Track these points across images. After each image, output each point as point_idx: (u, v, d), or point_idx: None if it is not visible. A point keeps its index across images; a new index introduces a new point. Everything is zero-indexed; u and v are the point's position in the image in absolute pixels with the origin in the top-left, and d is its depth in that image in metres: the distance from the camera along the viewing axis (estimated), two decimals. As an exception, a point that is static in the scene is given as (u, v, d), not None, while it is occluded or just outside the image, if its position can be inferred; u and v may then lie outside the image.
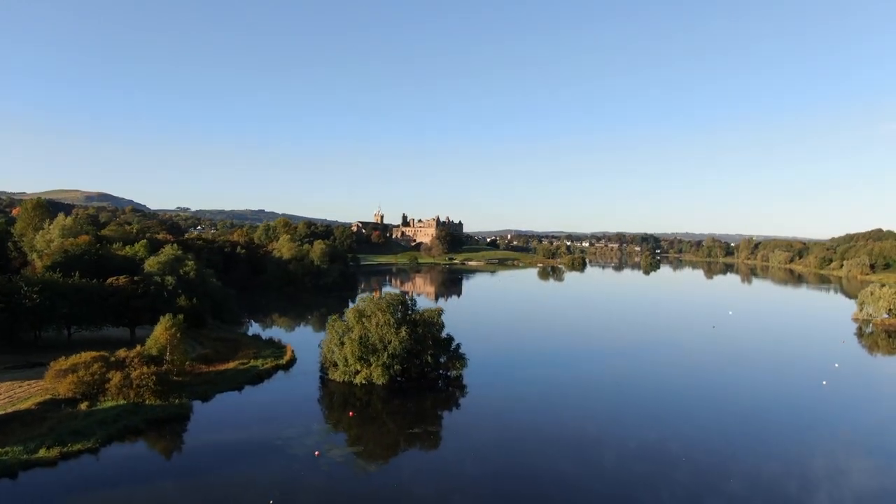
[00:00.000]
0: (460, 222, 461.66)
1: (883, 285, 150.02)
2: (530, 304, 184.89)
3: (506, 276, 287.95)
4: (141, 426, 56.28)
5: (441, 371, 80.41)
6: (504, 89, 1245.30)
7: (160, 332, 70.47)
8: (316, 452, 51.37)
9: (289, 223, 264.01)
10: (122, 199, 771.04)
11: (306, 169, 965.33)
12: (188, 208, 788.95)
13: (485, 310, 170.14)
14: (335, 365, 76.44)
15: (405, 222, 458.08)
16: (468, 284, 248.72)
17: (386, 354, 73.43)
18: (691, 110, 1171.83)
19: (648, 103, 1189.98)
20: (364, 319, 76.32)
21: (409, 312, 78.81)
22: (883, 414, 71.01)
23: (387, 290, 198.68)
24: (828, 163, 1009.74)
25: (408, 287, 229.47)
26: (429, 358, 77.29)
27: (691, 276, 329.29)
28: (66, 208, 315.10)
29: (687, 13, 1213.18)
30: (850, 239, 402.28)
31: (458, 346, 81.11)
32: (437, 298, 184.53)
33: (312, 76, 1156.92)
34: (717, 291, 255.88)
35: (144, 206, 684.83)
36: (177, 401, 62.45)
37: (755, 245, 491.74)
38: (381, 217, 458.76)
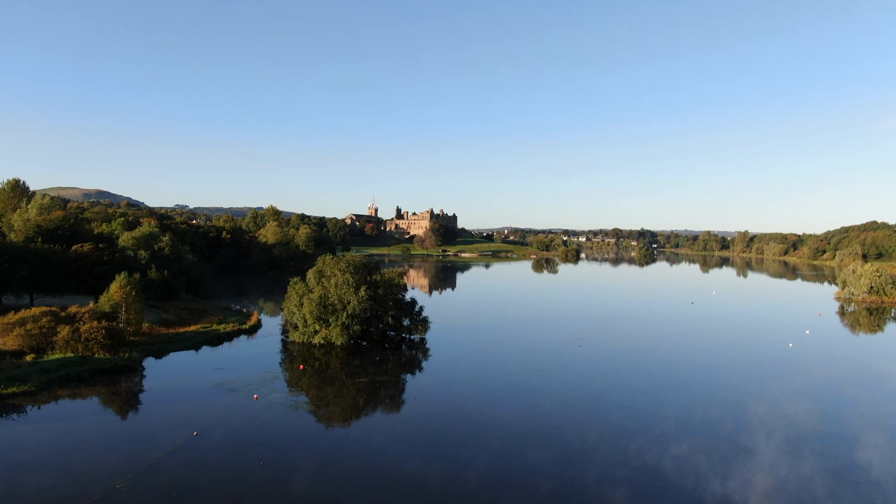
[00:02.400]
0: (454, 215, 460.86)
1: (864, 264, 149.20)
2: (519, 290, 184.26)
3: (499, 268, 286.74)
4: (84, 375, 55.81)
5: (404, 335, 79.93)
6: (503, 88, 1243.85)
7: (115, 290, 69.84)
8: (255, 396, 50.93)
9: (278, 211, 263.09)
10: (121, 196, 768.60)
11: (305, 166, 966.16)
12: (186, 206, 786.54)
13: (474, 296, 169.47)
14: (295, 326, 75.96)
15: (399, 215, 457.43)
16: (457, 274, 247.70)
17: (345, 314, 72.91)
18: (691, 108, 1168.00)
19: (649, 101, 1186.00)
20: (324, 280, 75.85)
21: (371, 274, 78.25)
22: (837, 369, 70.61)
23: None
24: (827, 158, 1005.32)
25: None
26: (389, 319, 76.79)
27: (683, 267, 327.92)
28: (63, 203, 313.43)
29: (682, 9, 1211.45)
30: (845, 231, 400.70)
31: (421, 309, 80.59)
32: (430, 291, 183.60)
33: (310, 74, 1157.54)
34: (705, 277, 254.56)
35: (143, 202, 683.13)
36: (126, 355, 62.01)
37: (750, 238, 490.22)
38: (376, 210, 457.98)
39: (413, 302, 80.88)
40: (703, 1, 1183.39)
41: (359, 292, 73.05)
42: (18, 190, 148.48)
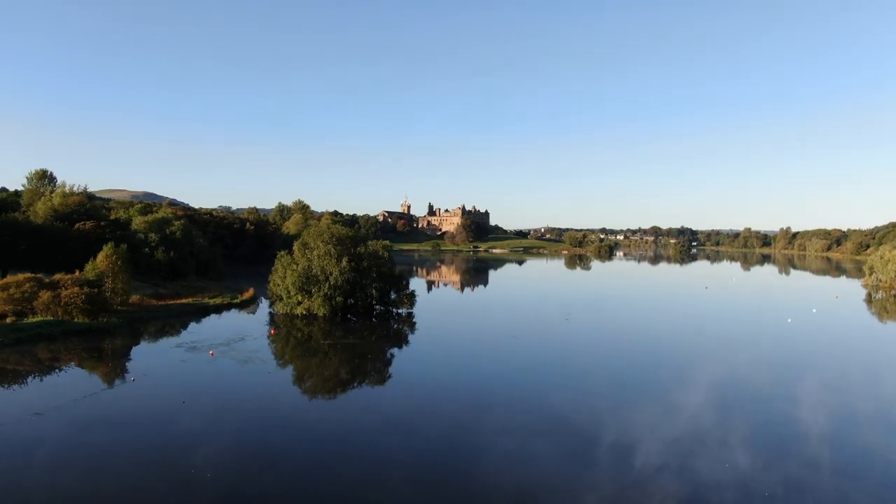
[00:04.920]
0: (486, 212, 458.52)
1: (894, 248, 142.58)
2: (536, 279, 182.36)
3: (528, 263, 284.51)
4: (56, 334, 57.05)
5: (391, 308, 79.58)
6: (539, 87, 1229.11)
7: (101, 259, 71.34)
8: (210, 352, 51.25)
9: (305, 205, 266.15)
10: (166, 197, 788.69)
11: (345, 165, 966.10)
12: (229, 206, 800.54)
13: (487, 284, 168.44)
14: (280, 298, 76.40)
15: (431, 212, 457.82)
16: (480, 268, 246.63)
17: (327, 285, 72.90)
18: (728, 104, 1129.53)
19: (695, 97, 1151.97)
20: (307, 251, 76.11)
21: (356, 246, 78.17)
22: (822, 341, 67.98)
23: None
24: (879, 151, 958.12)
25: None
26: (373, 291, 76.52)
27: (720, 264, 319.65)
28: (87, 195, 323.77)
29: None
30: (893, 226, 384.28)
31: (408, 282, 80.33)
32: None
33: (347, 74, 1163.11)
34: (735, 271, 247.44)
35: (186, 203, 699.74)
36: (105, 320, 63.20)
37: (793, 235, 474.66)
38: (408, 207, 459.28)
39: (400, 276, 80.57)
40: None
41: (341, 263, 73.04)
42: (45, 179, 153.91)
